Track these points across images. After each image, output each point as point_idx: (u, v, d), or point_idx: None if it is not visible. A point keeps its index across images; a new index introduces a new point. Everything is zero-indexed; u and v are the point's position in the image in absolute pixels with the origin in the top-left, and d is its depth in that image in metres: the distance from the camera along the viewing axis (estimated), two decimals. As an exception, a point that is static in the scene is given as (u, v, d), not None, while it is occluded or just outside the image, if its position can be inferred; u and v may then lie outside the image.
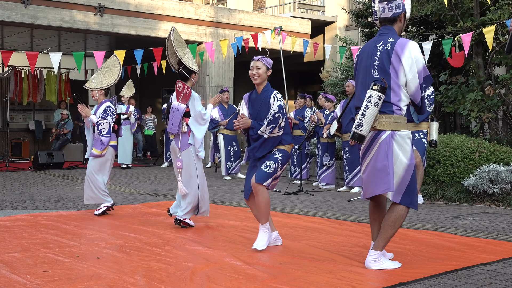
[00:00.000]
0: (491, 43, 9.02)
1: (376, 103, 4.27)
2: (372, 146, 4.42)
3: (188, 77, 6.40)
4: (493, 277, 4.21)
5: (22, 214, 7.34)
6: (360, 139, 4.36)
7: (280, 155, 5.22)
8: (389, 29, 4.52)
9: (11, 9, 12.89)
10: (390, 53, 4.36)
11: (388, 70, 4.36)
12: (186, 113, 6.33)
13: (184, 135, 6.37)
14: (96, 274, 4.37)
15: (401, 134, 4.39)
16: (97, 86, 7.37)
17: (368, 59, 4.49)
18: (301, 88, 20.76)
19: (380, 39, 4.47)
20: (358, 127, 4.33)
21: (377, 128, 4.37)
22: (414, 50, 4.35)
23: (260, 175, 5.16)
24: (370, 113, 4.28)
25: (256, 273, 4.37)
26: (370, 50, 4.49)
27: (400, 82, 4.36)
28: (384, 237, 4.47)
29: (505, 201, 7.80)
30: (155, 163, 15.75)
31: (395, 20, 4.52)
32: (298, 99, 11.57)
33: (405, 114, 4.45)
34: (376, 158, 4.39)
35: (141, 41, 15.16)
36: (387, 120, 4.36)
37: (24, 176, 12.29)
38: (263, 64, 5.27)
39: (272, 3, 21.14)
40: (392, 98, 4.36)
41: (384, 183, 4.36)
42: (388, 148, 4.35)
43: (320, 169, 10.43)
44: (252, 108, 5.33)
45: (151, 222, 6.78)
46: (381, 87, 4.27)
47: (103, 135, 7.25)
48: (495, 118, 10.39)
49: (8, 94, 15.73)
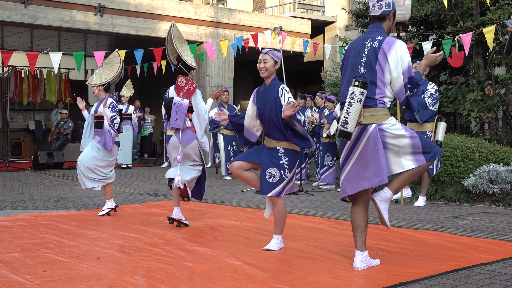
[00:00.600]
0: (491, 43, 9.02)
1: (359, 99, 4.29)
2: (359, 141, 4.42)
3: (187, 73, 6.39)
4: (493, 277, 4.21)
5: (22, 214, 7.34)
6: (346, 136, 4.36)
7: (286, 159, 5.09)
8: (378, 27, 4.54)
9: (11, 9, 12.89)
10: (377, 50, 4.38)
11: (375, 67, 4.38)
12: (189, 108, 6.31)
13: (187, 130, 6.35)
14: (96, 274, 4.37)
15: (386, 123, 4.41)
16: (97, 82, 7.39)
17: (355, 56, 4.51)
18: (301, 88, 20.75)
19: (369, 36, 4.49)
20: (344, 125, 4.33)
21: (363, 123, 4.39)
22: (400, 49, 4.36)
23: (263, 186, 5.10)
24: (354, 109, 4.30)
25: (256, 273, 4.37)
26: (358, 47, 4.51)
27: (385, 79, 4.39)
28: (401, 184, 4.51)
29: (505, 201, 7.80)
30: (155, 163, 15.76)
31: (384, 18, 4.56)
32: (298, 99, 11.57)
33: (388, 108, 4.47)
34: (365, 152, 4.39)
35: (141, 41, 15.16)
36: (371, 114, 4.39)
37: (24, 176, 12.29)
38: (270, 58, 5.23)
39: (272, 3, 21.14)
40: (376, 94, 4.40)
41: (376, 175, 4.35)
42: (377, 140, 4.36)
43: (321, 169, 10.43)
44: (259, 101, 5.25)
45: (151, 222, 6.78)
46: (362, 82, 4.29)
47: (115, 130, 7.28)
48: (495, 118, 10.38)
49: (8, 94, 15.73)
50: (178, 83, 6.29)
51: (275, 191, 5.09)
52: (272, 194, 5.09)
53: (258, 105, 5.25)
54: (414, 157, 4.43)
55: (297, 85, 21.26)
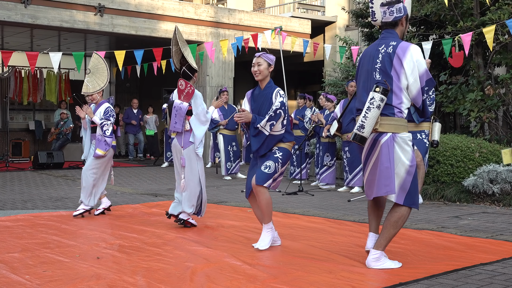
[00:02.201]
0: (491, 43, 9.02)
1: (379, 105, 4.30)
2: (374, 148, 4.44)
3: (192, 76, 6.42)
4: (493, 277, 4.21)
5: (22, 214, 7.34)
6: (361, 141, 4.38)
7: (280, 154, 5.21)
8: (391, 33, 4.53)
9: (11, 9, 12.89)
10: (392, 56, 4.37)
11: (390, 73, 4.37)
12: (188, 111, 6.32)
13: (187, 133, 6.36)
14: (96, 274, 4.37)
15: (402, 136, 4.42)
16: (95, 89, 7.37)
17: (370, 62, 4.51)
18: (301, 88, 20.76)
19: (382, 42, 4.49)
20: (360, 129, 4.35)
21: (378, 130, 4.39)
22: (415, 53, 4.37)
23: (259, 176, 5.16)
24: (372, 115, 4.31)
25: (256, 273, 4.37)
26: (372, 53, 4.51)
27: (401, 85, 4.38)
28: (386, 236, 4.49)
29: (505, 201, 7.80)
30: (155, 163, 15.75)
31: (397, 24, 4.54)
32: (298, 99, 11.58)
33: (406, 117, 4.47)
34: (378, 160, 4.41)
35: (141, 41, 15.16)
36: (388, 123, 4.39)
37: (24, 176, 12.29)
38: (264, 61, 5.27)
39: (272, 3, 21.13)
40: (393, 101, 4.38)
41: (386, 185, 4.38)
42: (390, 150, 4.37)
43: (321, 169, 10.43)
44: (254, 104, 5.32)
45: (151, 222, 6.78)
46: (384, 89, 4.29)
47: (108, 136, 7.26)
48: (495, 118, 10.39)
49: (8, 94, 15.73)
50: (179, 86, 6.32)
51: (269, 183, 5.18)
52: (264, 184, 5.14)
53: (253, 108, 5.32)
54: (398, 190, 4.41)
55: (297, 85, 21.27)
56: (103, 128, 7.24)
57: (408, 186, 4.41)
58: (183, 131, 6.34)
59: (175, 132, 6.39)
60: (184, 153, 6.35)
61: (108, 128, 7.25)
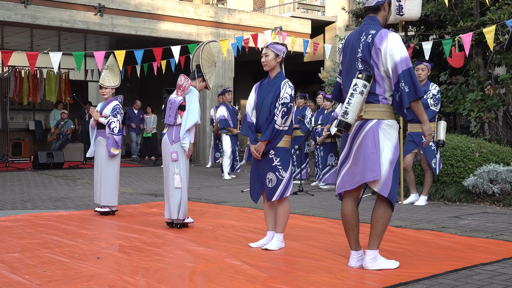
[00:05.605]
0: (491, 43, 9.01)
1: (362, 91, 4.28)
2: (358, 135, 4.41)
3: (195, 77, 6.47)
4: (493, 277, 4.21)
5: (22, 214, 7.34)
6: (346, 127, 4.34)
7: (277, 160, 5.18)
8: (373, 19, 4.51)
9: (11, 9, 12.89)
10: (370, 46, 4.36)
11: (370, 62, 4.37)
12: (181, 106, 6.34)
13: (178, 128, 6.36)
14: (96, 274, 4.37)
15: (387, 123, 4.39)
16: (111, 84, 7.50)
17: (352, 52, 4.50)
18: (301, 88, 20.75)
19: (363, 30, 4.47)
20: (344, 115, 4.33)
21: (364, 118, 4.38)
22: (392, 41, 4.30)
23: (268, 193, 5.24)
24: (356, 101, 4.29)
25: (256, 273, 4.37)
26: (354, 42, 4.49)
27: (382, 73, 4.36)
28: (375, 234, 4.45)
29: (505, 201, 7.80)
30: (155, 163, 15.75)
31: (379, 8, 4.52)
32: (298, 99, 11.58)
33: (391, 104, 4.43)
34: (363, 146, 4.36)
35: (141, 41, 15.15)
36: (374, 109, 4.38)
37: (24, 176, 12.29)
38: (271, 51, 5.28)
39: (272, 3, 21.13)
40: (376, 89, 4.38)
41: (372, 170, 4.32)
42: (375, 136, 4.34)
43: (323, 168, 10.44)
44: (260, 93, 5.31)
45: (151, 222, 6.78)
46: (367, 75, 4.30)
47: (116, 134, 7.32)
48: (495, 118, 10.38)
49: (8, 94, 15.72)
50: (178, 81, 6.38)
51: (278, 194, 5.19)
52: (275, 198, 5.19)
53: (258, 96, 5.31)
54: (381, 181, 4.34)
55: (297, 85, 21.25)
56: (111, 126, 7.30)
57: (391, 179, 4.34)
58: (175, 124, 6.35)
59: (167, 126, 6.40)
60: (175, 146, 6.35)
61: (116, 126, 7.33)
